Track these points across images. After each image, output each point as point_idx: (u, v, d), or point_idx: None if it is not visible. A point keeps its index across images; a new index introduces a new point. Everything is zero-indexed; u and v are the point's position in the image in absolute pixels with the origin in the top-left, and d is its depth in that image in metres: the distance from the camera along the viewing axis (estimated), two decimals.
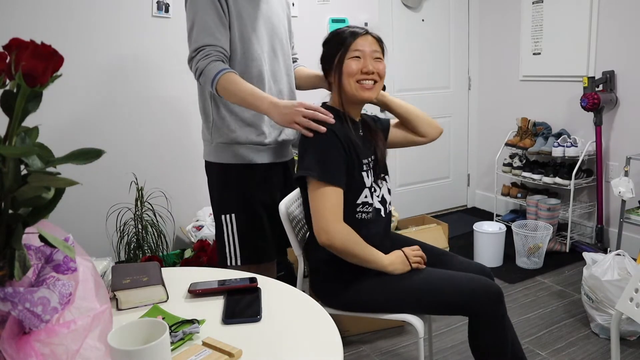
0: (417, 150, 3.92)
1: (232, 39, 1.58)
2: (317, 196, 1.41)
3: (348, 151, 1.45)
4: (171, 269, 1.28)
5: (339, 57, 1.48)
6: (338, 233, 1.40)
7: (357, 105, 1.57)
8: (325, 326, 0.98)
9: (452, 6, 3.91)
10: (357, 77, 1.47)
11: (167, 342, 0.77)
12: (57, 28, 2.46)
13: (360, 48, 1.47)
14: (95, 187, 2.62)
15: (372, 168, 1.55)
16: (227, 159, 1.67)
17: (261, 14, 1.63)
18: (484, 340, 1.45)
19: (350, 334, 2.32)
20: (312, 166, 1.42)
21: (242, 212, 1.68)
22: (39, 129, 0.69)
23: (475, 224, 3.11)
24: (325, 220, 1.40)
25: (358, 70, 1.47)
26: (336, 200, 1.41)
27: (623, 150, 3.07)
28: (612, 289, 2.11)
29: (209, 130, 1.68)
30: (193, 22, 1.54)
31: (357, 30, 1.50)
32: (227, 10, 1.55)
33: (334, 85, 1.53)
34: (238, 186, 1.67)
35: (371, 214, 1.53)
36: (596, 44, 3.18)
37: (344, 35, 1.49)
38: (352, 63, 1.47)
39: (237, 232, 1.68)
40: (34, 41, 0.63)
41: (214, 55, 1.51)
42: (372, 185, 1.54)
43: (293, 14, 3.12)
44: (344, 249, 1.42)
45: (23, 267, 0.68)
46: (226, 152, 1.66)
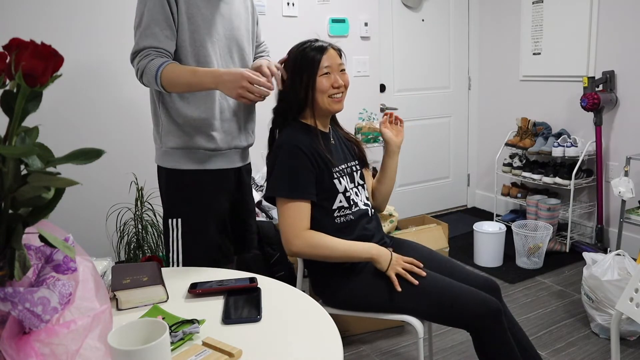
0: (417, 150, 3.93)
1: (182, 42, 1.52)
2: (280, 213, 1.51)
3: (315, 163, 1.51)
4: (171, 269, 1.28)
5: (308, 75, 1.52)
6: (300, 244, 1.47)
7: (327, 117, 1.63)
8: (325, 326, 0.98)
9: (452, 6, 3.91)
10: (329, 93, 1.54)
11: (167, 342, 0.77)
12: (57, 27, 2.46)
13: (328, 64, 1.53)
14: (95, 187, 2.62)
15: (348, 174, 1.61)
16: (176, 164, 1.61)
17: (219, 16, 1.57)
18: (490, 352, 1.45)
19: (350, 334, 2.32)
20: (275, 185, 1.50)
21: (188, 218, 1.63)
22: (38, 129, 0.69)
23: (475, 224, 3.11)
24: (286, 236, 1.49)
25: (329, 86, 1.53)
26: (296, 214, 1.48)
27: (623, 150, 3.07)
28: (612, 289, 2.11)
29: (159, 134, 1.63)
30: (140, 21, 1.48)
31: (322, 46, 1.55)
32: (177, 12, 1.49)
33: (304, 101, 1.55)
34: (186, 191, 1.63)
35: (352, 216, 1.57)
36: (596, 44, 3.18)
37: (311, 54, 1.53)
38: (323, 80, 1.53)
39: (182, 238, 1.63)
40: (34, 41, 0.63)
41: (153, 54, 1.47)
42: (348, 190, 1.58)
43: (293, 14, 3.13)
44: (313, 255, 1.50)
45: (23, 267, 0.68)
46: (175, 157, 1.61)
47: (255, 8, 1.77)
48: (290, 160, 1.49)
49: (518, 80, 3.73)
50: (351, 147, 1.71)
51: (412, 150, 3.90)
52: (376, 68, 3.57)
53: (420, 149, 3.95)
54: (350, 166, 1.64)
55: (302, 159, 1.49)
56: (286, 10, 3.10)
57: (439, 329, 2.31)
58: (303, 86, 1.53)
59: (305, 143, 1.51)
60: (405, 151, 3.94)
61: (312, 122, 1.58)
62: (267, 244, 2.30)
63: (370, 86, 3.57)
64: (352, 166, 1.65)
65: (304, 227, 1.48)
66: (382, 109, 3.67)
